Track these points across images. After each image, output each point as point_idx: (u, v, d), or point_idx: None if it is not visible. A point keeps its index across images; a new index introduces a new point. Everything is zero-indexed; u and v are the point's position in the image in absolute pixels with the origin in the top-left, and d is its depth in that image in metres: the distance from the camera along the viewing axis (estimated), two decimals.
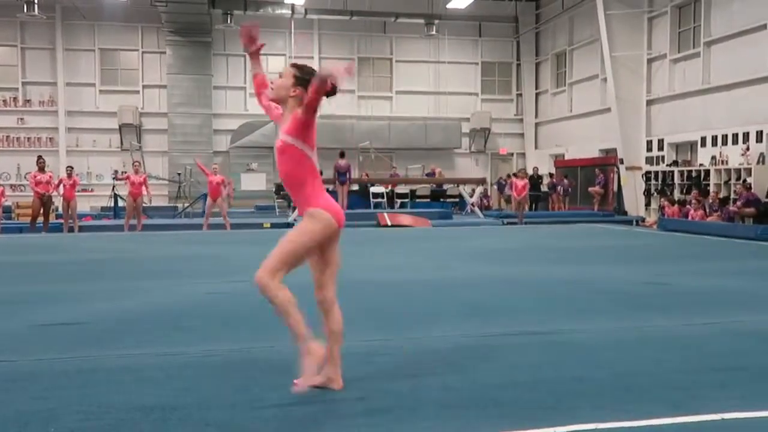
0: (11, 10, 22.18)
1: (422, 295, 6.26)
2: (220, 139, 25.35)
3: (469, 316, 5.27)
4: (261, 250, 8.70)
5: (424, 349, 4.23)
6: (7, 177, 22.67)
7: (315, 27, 25.87)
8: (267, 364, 3.88)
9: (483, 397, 3.29)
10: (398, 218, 16.71)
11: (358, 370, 3.71)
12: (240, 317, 5.24)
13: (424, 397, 3.29)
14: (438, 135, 26.15)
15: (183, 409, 3.10)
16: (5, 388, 3.41)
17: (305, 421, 2.99)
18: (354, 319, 5.20)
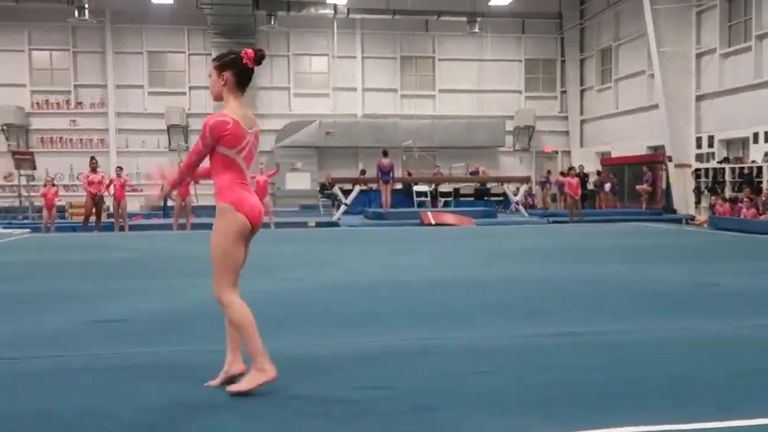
0: (63, 15, 22.85)
1: (466, 294, 6.25)
2: (265, 139, 25.60)
3: (513, 316, 5.25)
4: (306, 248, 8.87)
5: (468, 348, 4.23)
6: (60, 177, 23.34)
7: (357, 27, 25.97)
8: (301, 362, 3.92)
9: (528, 397, 3.28)
10: (442, 217, 16.67)
11: (404, 368, 3.73)
12: (283, 315, 5.30)
13: (469, 396, 3.29)
14: (481, 133, 25.98)
15: (230, 406, 3.17)
16: (61, 383, 3.53)
17: (349, 417, 3.02)
18: (398, 318, 5.23)
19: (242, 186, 3.29)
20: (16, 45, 24.67)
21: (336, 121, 25.40)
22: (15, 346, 4.34)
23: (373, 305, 5.67)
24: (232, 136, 3.23)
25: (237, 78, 3.33)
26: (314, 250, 10.13)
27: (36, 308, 5.60)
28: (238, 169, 3.29)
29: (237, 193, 3.26)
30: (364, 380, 3.53)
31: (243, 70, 3.33)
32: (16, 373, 3.71)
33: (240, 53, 3.32)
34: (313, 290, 6.42)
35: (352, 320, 5.12)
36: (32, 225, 16.77)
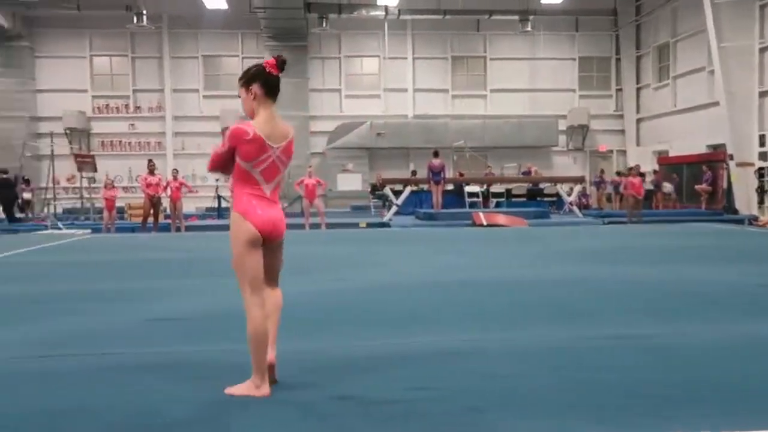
0: (122, 22, 23.54)
1: (516, 295, 6.18)
2: (317, 140, 25.90)
3: (564, 318, 5.16)
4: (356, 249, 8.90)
5: (517, 349, 4.18)
6: (120, 180, 24.06)
7: (408, 27, 25.99)
8: (347, 363, 3.93)
9: (578, 399, 3.22)
10: (494, 218, 16.54)
11: (452, 369, 3.71)
12: (329, 315, 5.34)
13: (517, 397, 3.26)
14: (534, 133, 25.68)
15: (283, 403, 3.21)
16: (118, 380, 3.63)
17: (396, 416, 3.02)
18: (445, 318, 5.21)
19: (257, 197, 3.30)
20: (78, 51, 25.55)
21: (387, 122, 25.46)
22: (73, 343, 4.49)
23: (420, 306, 5.66)
24: (248, 149, 3.24)
25: (265, 89, 3.34)
26: (364, 250, 10.18)
27: (95, 307, 5.78)
28: (254, 182, 3.30)
29: (247, 203, 3.28)
30: (411, 381, 3.52)
31: (268, 79, 3.34)
32: (71, 369, 3.84)
33: (262, 64, 3.36)
34: (361, 291, 6.44)
35: (398, 321, 5.12)
36: (93, 226, 17.33)
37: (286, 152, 3.38)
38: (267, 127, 3.30)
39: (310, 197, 15.71)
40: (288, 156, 3.41)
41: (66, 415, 3.08)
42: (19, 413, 3.11)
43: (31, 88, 25.35)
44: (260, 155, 3.27)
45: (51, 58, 25.48)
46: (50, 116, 24.83)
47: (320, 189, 16.17)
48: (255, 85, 3.33)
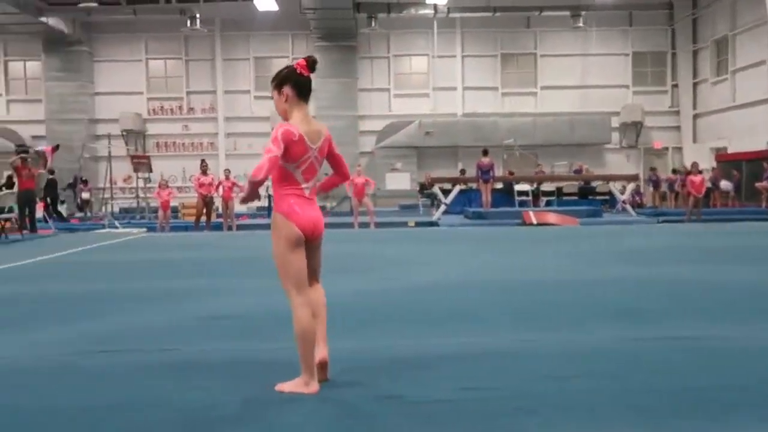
0: (177, 26, 24.07)
1: (568, 295, 6.07)
2: (366, 140, 26.00)
3: (616, 319, 5.05)
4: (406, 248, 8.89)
5: (569, 350, 4.11)
6: (174, 180, 24.60)
7: (457, 25, 25.86)
8: (398, 362, 3.92)
9: (632, 402, 3.14)
10: (544, 216, 16.32)
11: (506, 370, 3.67)
12: (378, 314, 5.34)
13: (571, 399, 3.20)
14: (585, 130, 25.24)
15: (329, 402, 3.22)
16: (173, 376, 3.70)
17: (447, 417, 3.00)
18: (496, 318, 5.16)
19: (297, 197, 3.32)
20: (134, 55, 26.24)
21: (435, 121, 25.39)
22: (129, 339, 4.60)
23: (469, 305, 5.62)
24: (295, 150, 3.26)
25: (296, 90, 3.36)
26: (413, 249, 10.15)
27: (151, 304, 5.91)
28: (295, 182, 3.32)
29: (289, 204, 3.29)
30: (459, 381, 3.50)
31: (300, 80, 3.36)
32: (126, 365, 3.93)
33: (293, 66, 3.37)
34: (409, 290, 6.42)
35: (446, 320, 5.09)
36: (149, 224, 17.76)
37: (321, 151, 3.40)
38: (304, 127, 3.32)
39: (359, 196, 15.78)
40: (323, 155, 3.42)
41: (121, 409, 3.16)
42: (76, 407, 3.20)
43: (90, 92, 26.15)
44: (303, 156, 3.29)
45: (108, 62, 26.24)
46: (108, 118, 25.57)
47: (369, 188, 16.22)
48: (286, 87, 3.36)
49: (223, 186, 16.34)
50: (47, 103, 25.83)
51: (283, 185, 3.31)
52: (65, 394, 3.41)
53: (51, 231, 15.79)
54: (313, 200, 3.42)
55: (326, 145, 3.43)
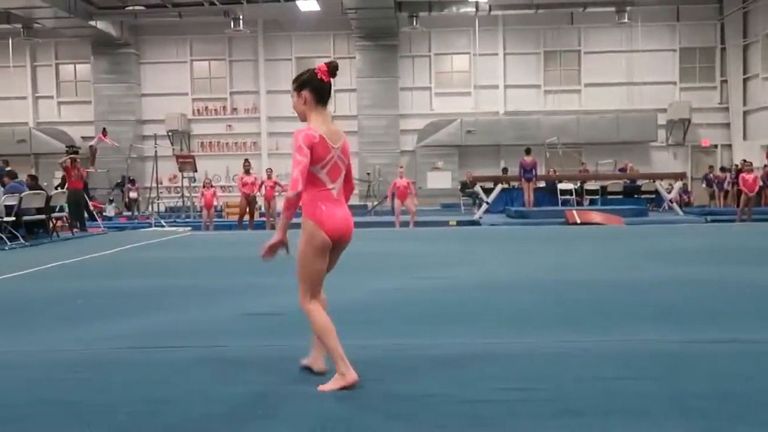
0: (221, 27, 24.44)
1: (613, 296, 5.98)
2: (407, 138, 26.00)
3: (665, 320, 4.95)
4: (447, 247, 8.85)
5: (615, 352, 4.05)
6: (217, 179, 24.96)
7: (499, 23, 25.66)
8: (438, 361, 3.91)
9: (683, 406, 3.08)
10: (588, 215, 16.09)
11: (550, 372, 3.64)
12: (419, 313, 5.34)
13: (617, 402, 3.15)
14: (631, 128, 24.79)
15: (374, 400, 3.24)
16: (218, 372, 3.77)
17: (491, 418, 2.99)
18: (540, 319, 5.11)
19: (326, 201, 3.35)
20: (179, 57, 26.72)
21: (477, 119, 25.26)
22: (177, 335, 4.70)
23: (512, 306, 5.58)
24: (318, 152, 3.30)
25: (315, 94, 3.39)
26: (454, 249, 10.13)
27: (197, 300, 6.02)
28: (322, 184, 3.35)
29: (319, 209, 3.33)
30: (504, 381, 3.48)
31: (319, 85, 3.38)
32: (173, 360, 4.02)
33: (314, 70, 3.39)
34: (452, 289, 6.41)
35: (490, 320, 5.07)
36: (193, 223, 18.08)
37: (344, 151, 3.43)
38: (324, 128, 3.35)
39: (403, 198, 15.81)
40: (346, 155, 3.45)
41: (168, 403, 3.23)
42: (126, 400, 3.29)
43: (137, 93, 26.72)
44: (326, 156, 3.33)
45: (155, 64, 26.77)
46: (154, 119, 26.10)
47: (412, 192, 16.09)
48: (306, 90, 3.39)
49: (266, 185, 16.52)
50: (96, 104, 26.49)
51: (310, 188, 3.34)
52: (116, 387, 3.50)
53: (100, 229, 16.19)
54: (341, 200, 3.44)
55: (347, 145, 3.47)
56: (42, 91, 27.34)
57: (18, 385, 3.60)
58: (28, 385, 3.58)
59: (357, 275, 7.41)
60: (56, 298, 6.42)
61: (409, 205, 15.88)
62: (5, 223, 11.86)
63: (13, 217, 11.99)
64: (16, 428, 2.97)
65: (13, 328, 5.14)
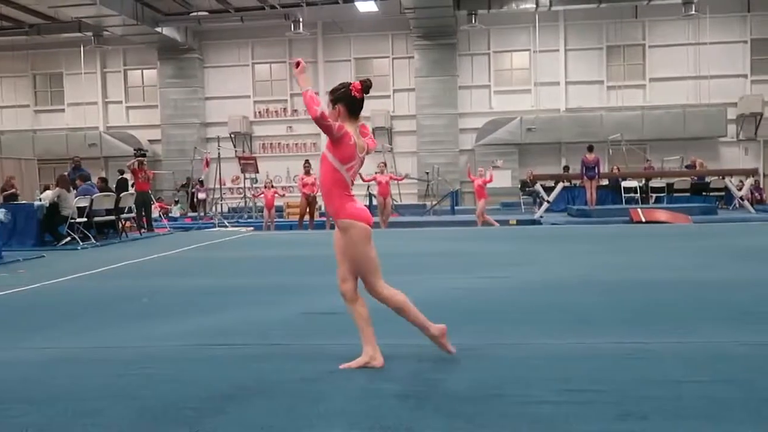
0: (281, 30, 24.82)
1: (681, 296, 5.79)
2: (466, 137, 25.84)
3: (736, 322, 4.76)
4: (505, 247, 8.74)
5: (684, 354, 3.92)
6: (278, 180, 25.33)
7: (560, 19, 25.21)
8: (501, 362, 3.86)
9: (760, 411, 2.96)
10: (653, 214, 15.65)
11: (614, 373, 3.55)
12: (479, 313, 5.29)
13: (686, 406, 3.05)
14: (698, 123, 23.97)
15: (430, 399, 3.22)
16: (280, 368, 3.82)
17: (554, 420, 2.93)
18: (603, 319, 4.99)
19: (350, 199, 3.66)
20: (241, 60, 27.25)
21: (538, 117, 24.89)
22: (239, 333, 4.79)
23: (574, 306, 5.47)
24: (350, 151, 3.57)
25: (348, 108, 3.65)
26: (514, 248, 10.00)
27: (259, 299, 6.13)
28: (344, 183, 3.62)
29: (350, 207, 3.62)
30: (569, 383, 3.41)
31: (352, 101, 3.64)
32: (235, 357, 4.09)
33: (349, 86, 3.63)
34: (513, 288, 6.33)
35: (552, 320, 4.97)
36: (255, 223, 18.40)
37: (361, 162, 3.70)
38: (355, 139, 3.63)
39: (482, 196, 15.78)
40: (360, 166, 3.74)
41: (231, 399, 3.29)
42: (188, 396, 3.36)
43: (201, 96, 27.38)
44: (353, 159, 3.60)
45: (217, 68, 27.37)
46: (217, 122, 26.68)
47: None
48: (340, 104, 3.65)
49: (319, 185, 16.62)
50: (162, 108, 27.27)
51: (336, 190, 3.63)
52: (181, 384, 3.59)
53: (166, 230, 16.66)
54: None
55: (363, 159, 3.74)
56: (111, 97, 28.33)
57: (88, 380, 3.73)
58: (98, 381, 3.70)
59: (416, 275, 7.40)
60: (124, 296, 6.63)
61: (481, 207, 15.86)
62: (78, 224, 12.33)
63: (84, 218, 12.46)
64: (87, 422, 3.07)
65: (84, 325, 5.34)
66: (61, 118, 28.29)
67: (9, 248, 11.04)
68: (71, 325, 5.34)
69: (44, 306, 6.32)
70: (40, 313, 5.95)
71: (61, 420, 3.10)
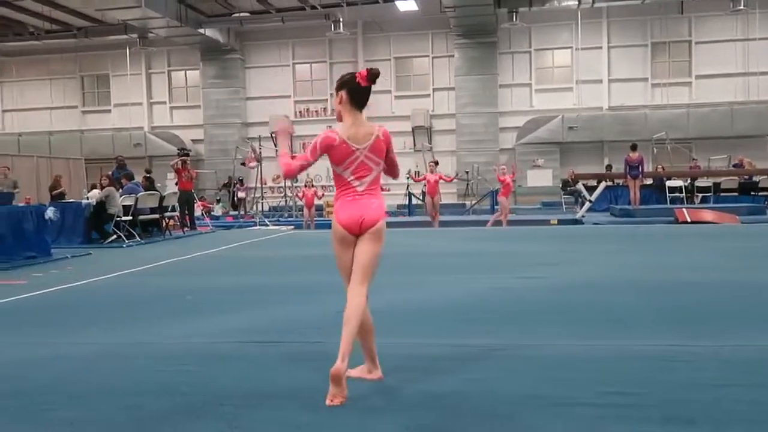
0: (322, 31, 24.98)
1: (727, 298, 5.64)
2: (506, 136, 25.62)
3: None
4: (546, 247, 8.64)
5: (730, 357, 3.81)
6: (319, 179, 25.48)
7: (603, 15, 24.81)
8: (541, 361, 3.81)
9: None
10: (699, 214, 15.28)
11: (656, 376, 3.48)
12: (527, 313, 5.24)
13: (729, 410, 2.97)
14: (747, 121, 23.35)
15: (474, 397, 3.20)
16: (316, 367, 3.83)
17: (592, 422, 2.88)
18: (645, 321, 4.89)
19: (345, 197, 3.54)
20: (282, 60, 27.51)
21: (579, 115, 24.55)
22: (277, 331, 4.83)
23: (616, 307, 5.37)
24: (337, 154, 3.49)
25: (350, 96, 3.51)
26: (555, 248, 9.87)
27: (297, 298, 6.17)
28: (345, 183, 3.54)
29: (337, 206, 3.56)
30: (607, 385, 3.35)
31: (355, 88, 3.52)
32: (273, 355, 4.12)
33: (355, 73, 3.52)
34: (554, 289, 6.24)
35: (594, 321, 4.90)
36: (296, 222, 18.55)
37: (374, 150, 3.51)
38: (350, 131, 3.49)
39: (506, 193, 15.82)
40: (378, 154, 3.53)
41: (270, 397, 3.32)
42: (227, 392, 3.40)
43: (242, 96, 27.72)
44: (348, 157, 3.49)
45: (259, 68, 27.68)
46: (258, 121, 26.98)
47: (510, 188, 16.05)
48: (343, 91, 3.55)
49: None
50: (205, 108, 27.68)
51: (336, 187, 3.60)
52: (220, 380, 3.63)
53: (209, 228, 16.91)
54: (372, 193, 3.57)
55: (381, 144, 3.55)
56: (156, 97, 28.88)
57: (130, 374, 3.81)
58: (138, 376, 3.78)
59: (454, 274, 7.37)
60: (165, 293, 6.75)
61: (504, 204, 15.87)
62: (123, 222, 12.60)
63: (130, 217, 12.72)
64: (128, 415, 3.13)
65: (126, 321, 5.45)
66: (107, 118, 28.96)
67: (57, 245, 11.33)
68: (114, 321, 5.45)
69: (89, 303, 6.47)
70: (84, 310, 6.09)
71: (103, 414, 3.17)
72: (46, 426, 3.05)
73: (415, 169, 24.31)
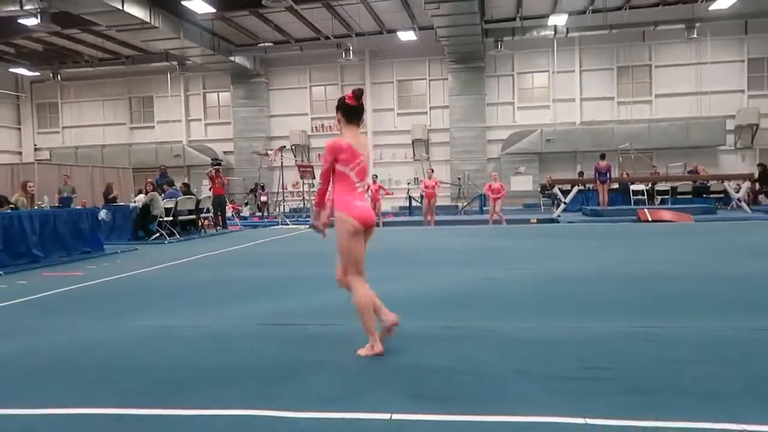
0: (334, 58, 24.97)
1: (684, 287, 5.62)
2: (493, 147, 25.57)
3: (735, 310, 4.60)
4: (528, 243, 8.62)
5: (688, 338, 3.80)
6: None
7: (576, 43, 24.73)
8: (525, 342, 3.80)
9: (752, 389, 2.85)
10: (659, 214, 15.23)
11: (626, 354, 3.47)
12: (509, 300, 5.22)
13: (689, 383, 2.96)
14: (700, 133, 23.24)
15: (467, 373, 3.19)
16: (332, 345, 3.83)
17: (574, 393, 2.87)
18: (615, 307, 4.87)
19: (352, 195, 3.58)
20: (300, 83, 27.49)
21: (556, 129, 24.48)
22: (298, 315, 4.83)
23: (590, 295, 5.36)
24: (345, 156, 3.55)
25: (345, 115, 3.66)
26: (536, 244, 9.85)
27: (315, 287, 6.16)
28: (351, 182, 3.59)
29: (347, 202, 3.56)
30: (584, 361, 3.34)
31: (347, 108, 3.64)
32: (297, 335, 4.12)
33: (344, 97, 3.65)
34: (535, 279, 6.23)
35: (571, 307, 4.88)
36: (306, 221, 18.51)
37: (367, 160, 3.66)
38: (353, 140, 3.60)
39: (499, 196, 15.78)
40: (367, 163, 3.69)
41: (294, 371, 3.31)
42: (256, 367, 3.40)
43: (267, 114, 27.70)
44: (355, 159, 3.58)
45: (280, 90, 27.67)
46: (280, 135, 26.97)
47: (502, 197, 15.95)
48: (338, 112, 3.69)
49: (371, 189, 16.69)
50: (234, 124, 27.69)
51: (340, 186, 3.60)
52: (249, 356, 3.63)
53: (238, 227, 16.92)
54: (365, 196, 3.71)
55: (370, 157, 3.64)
56: (193, 115, 28.90)
57: (173, 353, 3.81)
58: (181, 353, 3.78)
59: (447, 267, 7.36)
60: (203, 283, 6.75)
61: (498, 213, 15.74)
62: (165, 222, 12.61)
63: (171, 217, 12.74)
64: (170, 388, 3.14)
65: (170, 307, 5.45)
66: (151, 133, 29.00)
67: (109, 242, 11.37)
68: (159, 307, 5.46)
69: (137, 290, 6.48)
70: (133, 297, 6.11)
71: (152, 386, 3.17)
72: (99, 396, 3.05)
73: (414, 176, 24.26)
